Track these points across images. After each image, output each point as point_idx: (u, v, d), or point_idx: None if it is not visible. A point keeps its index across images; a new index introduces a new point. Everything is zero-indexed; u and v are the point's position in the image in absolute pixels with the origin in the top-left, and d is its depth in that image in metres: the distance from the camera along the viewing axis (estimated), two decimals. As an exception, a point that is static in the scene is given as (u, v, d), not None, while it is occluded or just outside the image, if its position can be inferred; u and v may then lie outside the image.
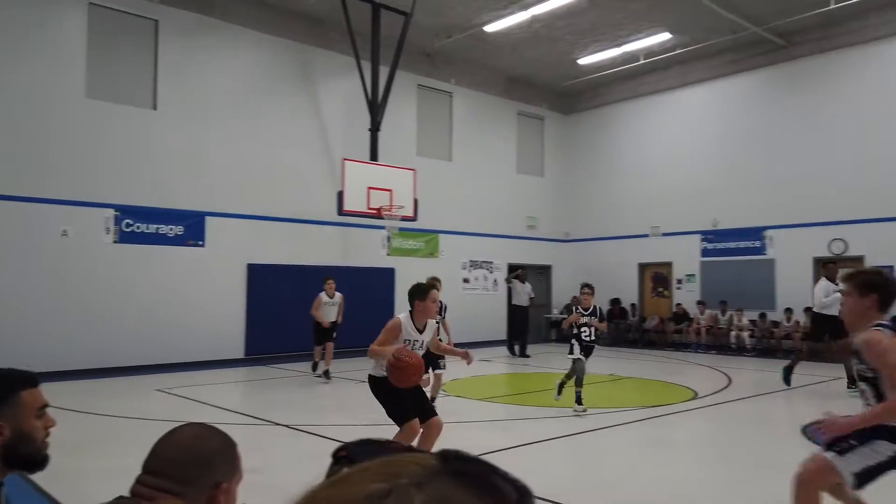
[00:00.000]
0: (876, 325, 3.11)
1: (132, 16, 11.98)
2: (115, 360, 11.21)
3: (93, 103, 11.44)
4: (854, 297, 3.20)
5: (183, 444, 1.45)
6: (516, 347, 14.90)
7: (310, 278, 13.74)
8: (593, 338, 7.99)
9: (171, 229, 12.13)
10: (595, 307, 8.10)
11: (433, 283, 5.85)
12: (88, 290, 11.17)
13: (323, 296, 10.87)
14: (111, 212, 11.51)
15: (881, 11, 13.75)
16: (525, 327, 14.98)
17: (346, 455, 0.63)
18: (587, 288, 8.25)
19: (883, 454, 3.07)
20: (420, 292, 4.99)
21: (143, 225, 11.82)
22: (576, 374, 7.77)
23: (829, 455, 3.15)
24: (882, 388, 3.09)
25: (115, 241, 11.53)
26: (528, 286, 15.08)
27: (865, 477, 3.10)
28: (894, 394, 2.96)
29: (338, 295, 10.96)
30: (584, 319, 7.91)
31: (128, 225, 11.67)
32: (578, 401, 7.60)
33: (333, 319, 10.84)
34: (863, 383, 3.22)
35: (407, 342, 4.90)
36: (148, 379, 10.39)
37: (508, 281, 15.28)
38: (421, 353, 4.95)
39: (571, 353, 7.94)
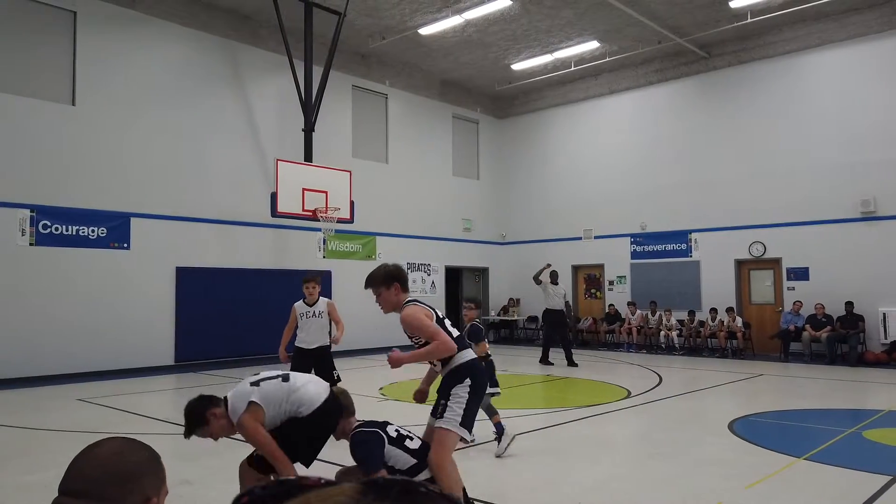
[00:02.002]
0: (408, 302, 3.83)
1: (48, 6, 11.38)
2: (33, 370, 10.60)
3: (6, 98, 10.80)
4: (383, 292, 3.85)
5: (104, 461, 1.33)
6: (551, 355, 13.12)
7: (243, 281, 13.42)
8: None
9: (93, 231, 11.58)
10: (474, 324, 6.40)
11: None
12: (2, 294, 10.53)
13: (300, 305, 7.32)
14: (27, 212, 10.89)
15: (792, 27, 14.58)
16: (564, 332, 13.26)
17: (249, 501, 0.58)
18: (468, 302, 6.88)
19: (463, 396, 3.70)
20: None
21: (62, 226, 11.24)
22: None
23: (437, 424, 3.68)
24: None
25: (31, 244, 10.91)
26: (561, 287, 13.45)
27: (469, 421, 3.71)
28: (436, 341, 3.68)
29: (322, 301, 7.33)
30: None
31: (45, 226, 11.06)
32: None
33: (323, 342, 7.22)
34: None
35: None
36: (69, 388, 9.85)
37: (537, 281, 13.36)
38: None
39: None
